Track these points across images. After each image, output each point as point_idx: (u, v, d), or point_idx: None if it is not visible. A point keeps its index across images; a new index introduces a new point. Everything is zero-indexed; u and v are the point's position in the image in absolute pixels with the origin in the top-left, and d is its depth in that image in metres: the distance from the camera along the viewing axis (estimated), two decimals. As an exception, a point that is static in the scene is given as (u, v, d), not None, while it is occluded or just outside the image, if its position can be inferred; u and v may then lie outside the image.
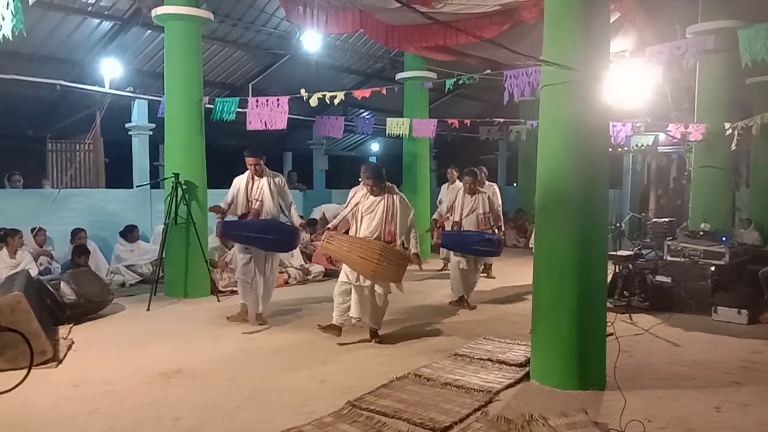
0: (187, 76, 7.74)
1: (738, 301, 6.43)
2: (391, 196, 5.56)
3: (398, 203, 5.55)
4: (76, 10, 9.18)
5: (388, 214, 5.49)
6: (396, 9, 6.64)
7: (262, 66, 12.49)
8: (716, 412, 3.91)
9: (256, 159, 6.18)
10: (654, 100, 9.05)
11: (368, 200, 5.56)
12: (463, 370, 4.69)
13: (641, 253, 7.61)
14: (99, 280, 6.98)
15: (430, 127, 10.05)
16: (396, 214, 5.51)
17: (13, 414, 3.84)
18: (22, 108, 11.15)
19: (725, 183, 8.49)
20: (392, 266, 5.34)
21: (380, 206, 5.50)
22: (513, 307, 7.19)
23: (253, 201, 6.16)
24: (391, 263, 5.33)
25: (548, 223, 4.47)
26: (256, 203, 6.16)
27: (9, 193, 8.87)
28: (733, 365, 4.91)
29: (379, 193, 5.55)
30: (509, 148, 17.82)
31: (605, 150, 4.50)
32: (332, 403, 3.99)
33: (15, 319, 4.63)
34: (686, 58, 6.91)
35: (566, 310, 4.28)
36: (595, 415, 3.78)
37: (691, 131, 8.25)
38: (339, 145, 18.15)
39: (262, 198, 6.15)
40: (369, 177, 5.55)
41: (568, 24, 4.30)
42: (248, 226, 6.15)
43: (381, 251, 5.27)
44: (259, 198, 6.15)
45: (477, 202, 7.21)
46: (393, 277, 5.45)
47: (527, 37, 6.90)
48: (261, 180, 6.20)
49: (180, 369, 4.75)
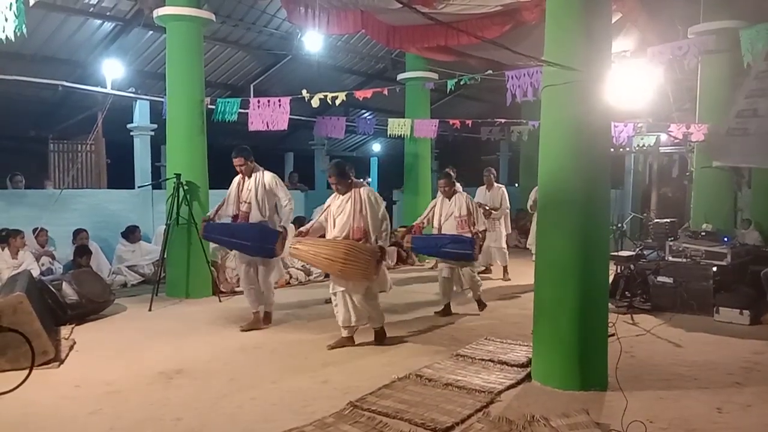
0: (188, 76, 7.75)
1: (740, 301, 6.42)
2: (358, 191, 5.34)
3: (366, 198, 5.31)
4: (78, 11, 9.20)
5: (356, 210, 5.28)
6: (397, 9, 6.63)
7: (264, 67, 12.50)
8: (718, 413, 3.90)
9: (240, 159, 6.00)
10: (655, 100, 9.06)
11: (337, 201, 5.41)
12: (464, 370, 4.69)
13: (643, 253, 7.60)
14: (100, 280, 6.99)
15: (431, 127, 10.05)
16: (365, 209, 5.28)
17: (14, 414, 3.85)
18: (24, 109, 11.17)
19: (727, 183, 8.48)
20: (360, 263, 5.08)
21: (348, 204, 5.31)
22: (514, 308, 7.19)
23: (242, 203, 6.00)
24: (359, 260, 5.07)
25: (550, 224, 4.47)
26: (244, 205, 5.99)
27: (11, 193, 8.88)
28: (734, 366, 4.90)
29: (346, 191, 5.36)
30: (511, 149, 17.82)
31: (607, 150, 4.50)
32: (333, 403, 3.99)
33: (17, 319, 4.64)
34: (688, 59, 6.92)
35: (568, 310, 4.28)
36: (596, 416, 3.77)
37: (693, 131, 8.24)
38: (340, 146, 18.15)
39: (249, 200, 5.98)
40: (331, 175, 5.37)
41: (569, 24, 4.30)
42: (230, 230, 5.99)
43: (347, 250, 5.07)
44: (248, 200, 5.98)
45: (454, 205, 6.86)
46: (362, 275, 5.16)
47: (529, 37, 6.90)
48: (249, 181, 6.03)
49: (181, 369, 4.76)
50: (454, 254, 6.70)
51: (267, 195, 6.01)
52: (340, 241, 5.24)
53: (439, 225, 6.90)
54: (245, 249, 5.98)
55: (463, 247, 6.65)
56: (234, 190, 6.11)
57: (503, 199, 9.46)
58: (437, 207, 6.97)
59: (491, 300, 7.57)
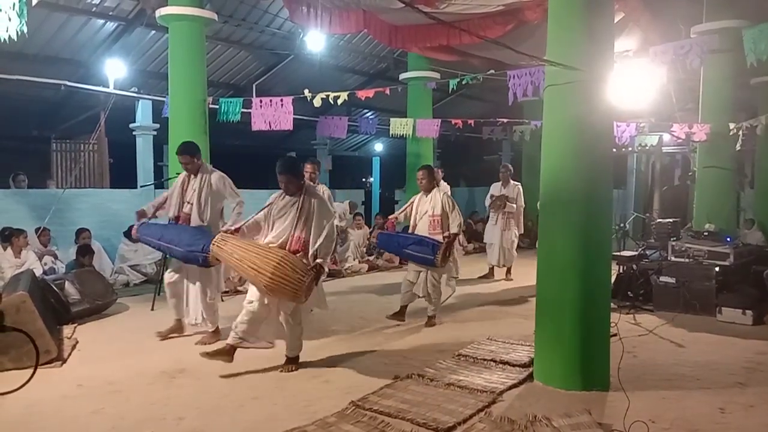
0: (191, 76, 7.76)
1: (743, 301, 6.40)
2: (309, 197, 4.68)
3: (316, 206, 4.64)
4: (80, 10, 9.23)
5: (301, 218, 4.61)
6: (400, 9, 6.63)
7: (266, 66, 12.52)
8: (721, 413, 3.89)
9: (185, 156, 5.49)
10: (658, 100, 9.04)
11: (282, 201, 4.73)
12: (466, 370, 4.69)
13: (645, 253, 7.58)
14: (103, 279, 7.01)
15: (433, 127, 10.06)
16: (311, 218, 4.61)
17: (16, 413, 3.86)
18: (26, 108, 11.20)
19: (729, 183, 8.46)
20: (289, 281, 4.31)
21: (293, 208, 4.64)
22: (516, 308, 7.18)
23: (186, 203, 5.48)
24: (288, 278, 4.31)
25: (552, 224, 4.46)
26: (187, 206, 5.46)
27: (14, 193, 8.90)
28: (737, 366, 4.88)
29: (295, 193, 4.69)
30: (513, 149, 17.79)
31: (609, 150, 4.49)
32: (335, 403, 3.98)
33: (20, 318, 4.64)
34: (690, 58, 6.88)
35: (570, 310, 4.28)
36: (598, 416, 3.76)
37: (696, 131, 8.23)
38: (342, 146, 18.17)
39: (192, 201, 5.45)
40: (281, 172, 4.66)
41: (571, 24, 4.29)
42: (163, 232, 5.36)
43: (278, 262, 4.30)
44: (191, 201, 5.45)
45: (428, 203, 6.32)
46: (290, 295, 4.40)
47: (531, 37, 6.89)
48: (195, 180, 5.50)
49: (184, 369, 4.76)
50: (415, 257, 6.26)
51: (212, 196, 5.48)
52: (272, 249, 4.51)
53: (414, 223, 6.44)
54: (175, 253, 5.31)
55: (424, 251, 6.11)
56: (177, 188, 5.56)
57: (519, 197, 9.39)
58: (415, 203, 6.50)
59: (494, 300, 7.56)
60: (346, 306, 7.17)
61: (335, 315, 6.05)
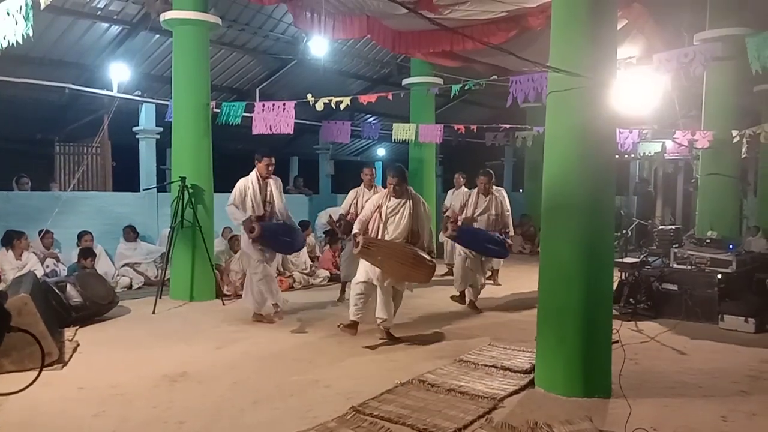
0: (194, 80, 7.78)
1: (745, 309, 6.38)
2: (412, 199, 5.67)
3: (421, 204, 5.71)
4: (85, 14, 9.26)
5: (412, 215, 5.60)
6: (403, 15, 6.66)
7: (270, 71, 12.55)
8: (723, 422, 3.88)
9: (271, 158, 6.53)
10: (661, 107, 9.04)
11: (391, 202, 5.65)
12: (467, 376, 4.68)
13: (647, 260, 7.57)
14: (105, 282, 7.01)
15: (436, 132, 10.07)
16: (419, 215, 5.65)
17: (17, 415, 3.85)
18: (31, 111, 11.23)
19: (732, 190, 8.44)
20: (423, 268, 5.50)
21: (405, 208, 5.61)
22: (518, 314, 7.16)
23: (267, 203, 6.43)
24: (422, 266, 5.48)
25: (554, 230, 4.46)
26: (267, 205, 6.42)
27: (17, 195, 8.92)
28: (740, 374, 4.87)
29: (402, 195, 5.64)
30: (515, 154, 17.82)
31: (612, 157, 4.49)
32: (336, 408, 3.98)
33: (21, 320, 4.64)
34: (694, 66, 6.88)
35: (572, 316, 4.27)
36: (600, 423, 3.75)
37: (699, 138, 8.21)
38: (345, 150, 18.17)
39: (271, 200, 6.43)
40: (393, 176, 5.64)
41: (575, 30, 4.30)
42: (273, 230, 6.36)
43: (414, 256, 5.43)
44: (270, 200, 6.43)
45: (490, 203, 7.29)
46: (425, 278, 5.64)
47: (534, 43, 6.91)
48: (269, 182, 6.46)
49: (185, 372, 4.76)
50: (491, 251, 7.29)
51: None
52: (406, 246, 5.53)
53: (472, 216, 7.25)
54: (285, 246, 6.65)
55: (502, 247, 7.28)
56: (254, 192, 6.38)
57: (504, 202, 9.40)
58: (471, 201, 7.33)
59: (496, 306, 7.54)
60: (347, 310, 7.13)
61: (337, 319, 6.03)
